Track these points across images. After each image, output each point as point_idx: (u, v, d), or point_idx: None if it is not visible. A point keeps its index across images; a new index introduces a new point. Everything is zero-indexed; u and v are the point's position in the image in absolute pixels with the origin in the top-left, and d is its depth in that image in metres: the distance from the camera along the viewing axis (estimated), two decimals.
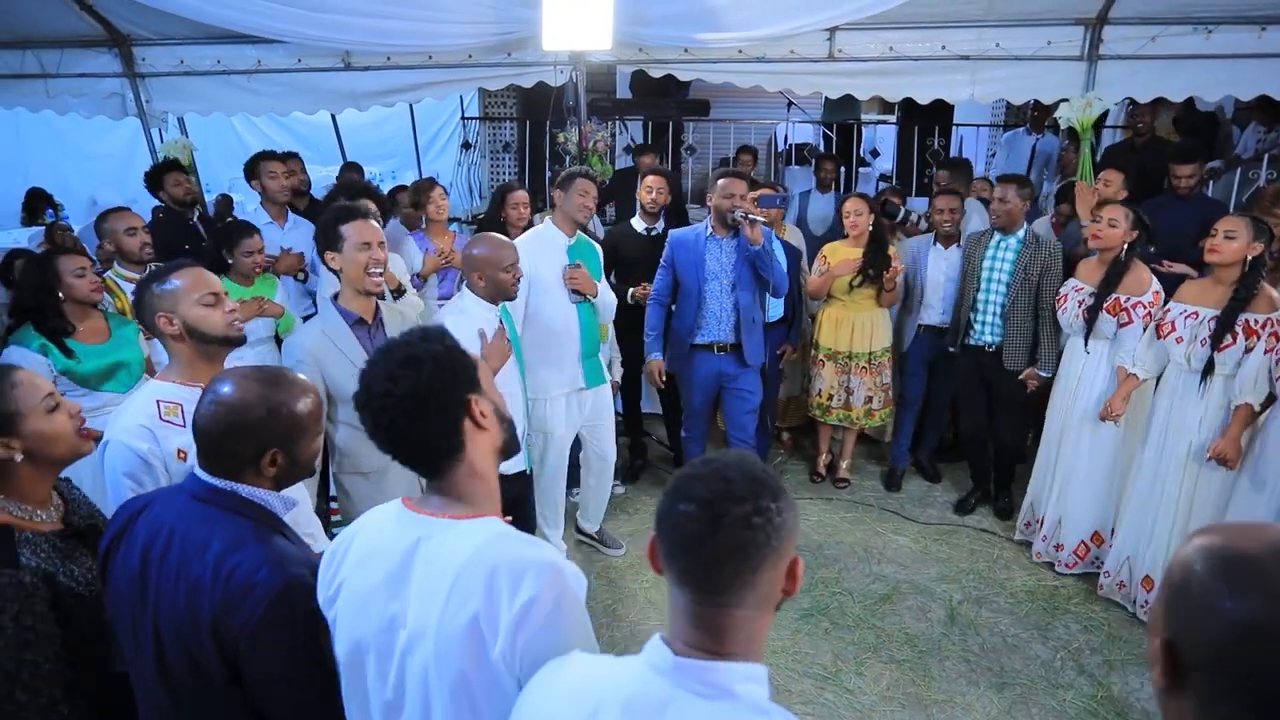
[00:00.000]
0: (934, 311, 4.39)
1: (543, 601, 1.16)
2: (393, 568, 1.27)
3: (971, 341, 4.10)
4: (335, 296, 2.58)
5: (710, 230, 3.76)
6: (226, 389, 1.49)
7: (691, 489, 1.03)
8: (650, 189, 4.27)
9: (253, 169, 4.40)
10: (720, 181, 3.67)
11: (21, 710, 1.47)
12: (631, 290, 4.21)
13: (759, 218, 3.54)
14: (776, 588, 1.06)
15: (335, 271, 2.59)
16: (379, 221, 2.79)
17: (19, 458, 1.58)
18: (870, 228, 4.24)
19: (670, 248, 3.85)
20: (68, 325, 2.86)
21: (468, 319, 2.81)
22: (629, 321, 4.18)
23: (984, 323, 4.04)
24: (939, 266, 4.36)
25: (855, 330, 4.37)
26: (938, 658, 3.21)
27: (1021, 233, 3.95)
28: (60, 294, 2.85)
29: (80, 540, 1.68)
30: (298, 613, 1.39)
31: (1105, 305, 3.49)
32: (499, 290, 2.88)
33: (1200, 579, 0.84)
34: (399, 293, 3.57)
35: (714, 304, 3.79)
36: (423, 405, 1.22)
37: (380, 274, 2.55)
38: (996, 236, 4.01)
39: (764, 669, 1.06)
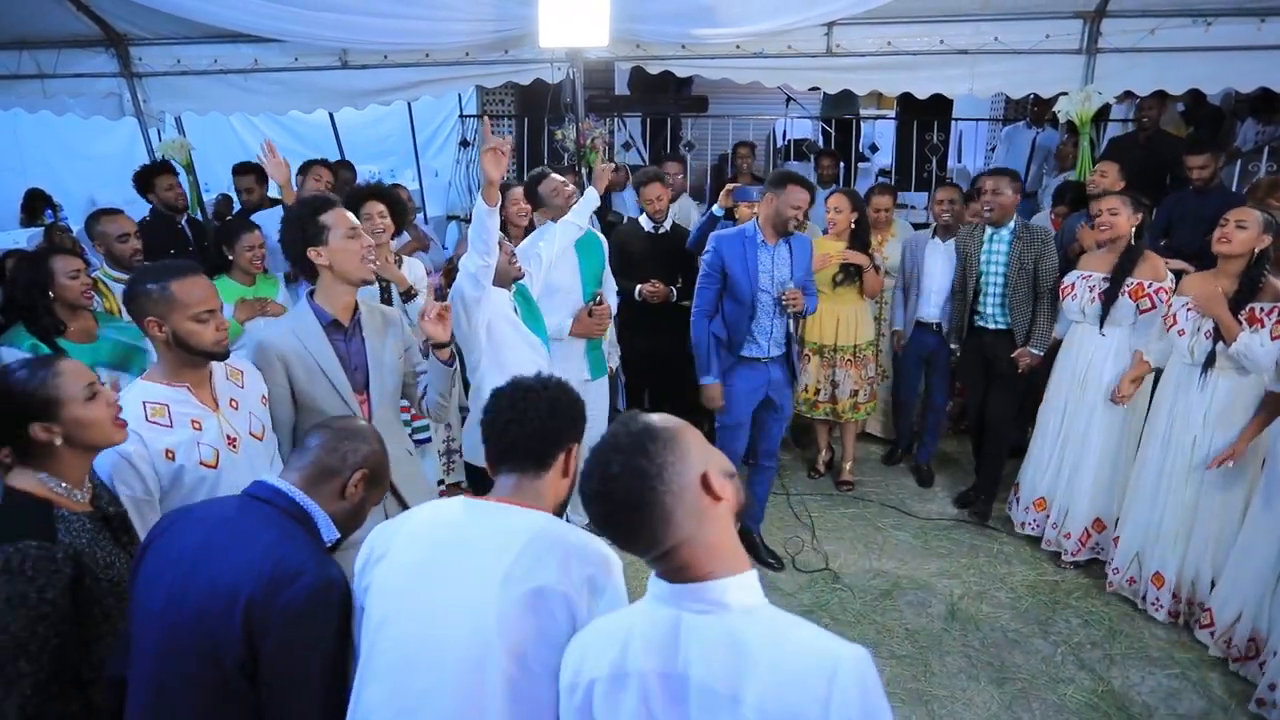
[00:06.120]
0: (930, 306, 4.42)
1: (609, 576, 1.39)
2: (455, 537, 1.45)
3: (975, 324, 4.11)
4: (311, 294, 2.38)
5: (761, 238, 3.47)
6: (349, 419, 1.81)
7: (590, 493, 1.19)
8: (661, 197, 4.29)
9: (305, 169, 4.50)
10: (790, 188, 3.32)
11: (20, 679, 1.52)
12: (640, 287, 4.20)
13: (795, 302, 3.43)
14: (698, 510, 1.16)
15: (321, 269, 2.33)
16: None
17: (58, 441, 1.66)
18: (853, 225, 4.24)
19: (717, 254, 3.47)
20: (59, 324, 2.85)
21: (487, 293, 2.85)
22: (633, 318, 4.26)
23: (987, 312, 4.06)
24: (936, 260, 4.39)
25: (840, 323, 4.39)
26: (938, 653, 3.21)
27: (1012, 224, 3.96)
28: (51, 294, 2.84)
29: (105, 524, 1.74)
30: (335, 609, 1.47)
31: (1128, 289, 3.48)
32: (502, 276, 2.92)
33: None
34: (409, 296, 3.51)
35: (765, 317, 3.51)
36: (555, 412, 1.51)
37: (374, 259, 2.40)
38: (989, 230, 4.01)
39: (752, 575, 1.20)
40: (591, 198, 3.55)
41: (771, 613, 1.18)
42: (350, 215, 2.36)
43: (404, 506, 2.49)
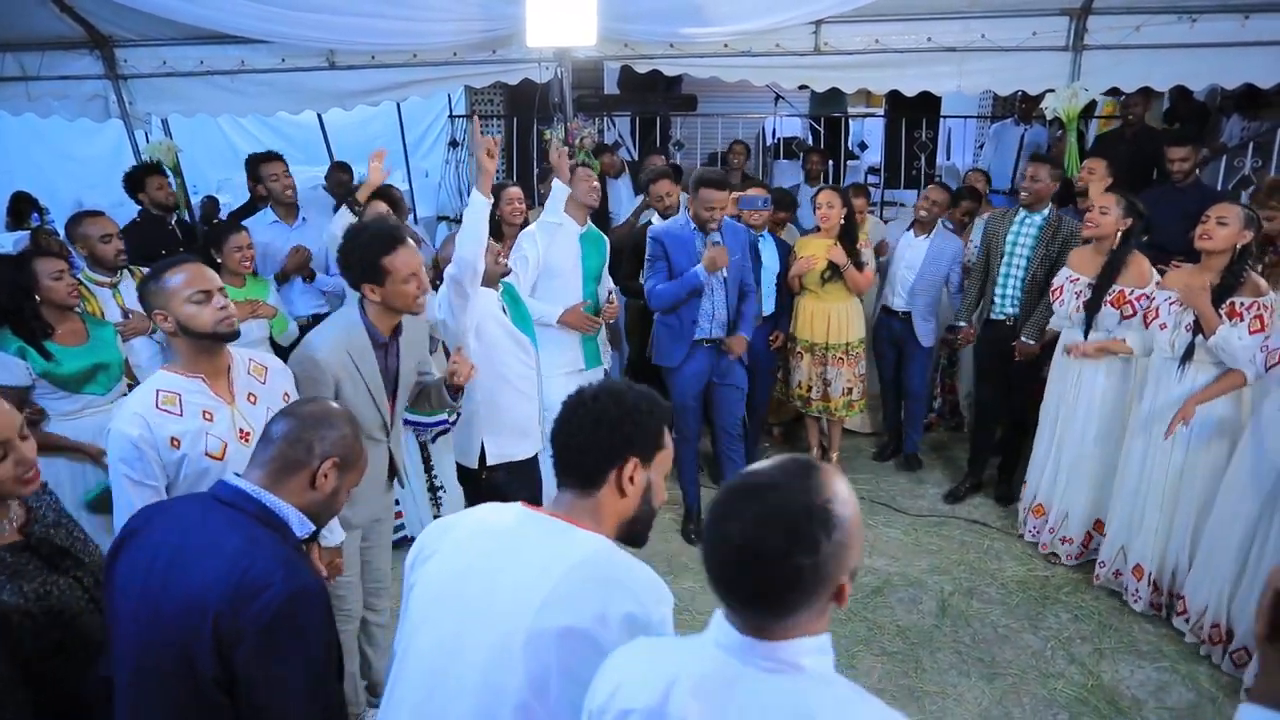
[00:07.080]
0: (896, 295, 4.53)
1: (655, 610, 1.31)
2: (501, 548, 1.39)
3: (992, 316, 4.16)
4: (360, 302, 2.42)
5: (694, 227, 3.79)
6: (314, 402, 1.70)
7: (727, 531, 1.05)
8: (670, 194, 4.35)
9: (254, 172, 4.39)
10: (702, 192, 3.65)
11: None
12: None
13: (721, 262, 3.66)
14: (823, 604, 1.07)
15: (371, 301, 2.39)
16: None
17: None
18: (842, 221, 4.26)
19: (659, 244, 3.80)
20: (46, 327, 2.83)
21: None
22: (650, 320, 4.27)
23: (1005, 296, 4.11)
24: (902, 254, 4.52)
25: (831, 321, 4.41)
26: (929, 649, 3.22)
27: (1046, 211, 4.03)
28: (37, 296, 2.82)
29: (34, 553, 1.63)
30: (306, 620, 1.41)
31: (1109, 298, 3.47)
32: (489, 276, 2.92)
33: None
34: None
35: (707, 301, 3.79)
36: (599, 425, 1.38)
37: (425, 297, 2.42)
38: (1021, 213, 4.08)
39: (828, 638, 1.10)
40: (560, 191, 3.56)
41: (840, 684, 1.10)
42: (414, 257, 2.34)
43: (394, 475, 2.60)
